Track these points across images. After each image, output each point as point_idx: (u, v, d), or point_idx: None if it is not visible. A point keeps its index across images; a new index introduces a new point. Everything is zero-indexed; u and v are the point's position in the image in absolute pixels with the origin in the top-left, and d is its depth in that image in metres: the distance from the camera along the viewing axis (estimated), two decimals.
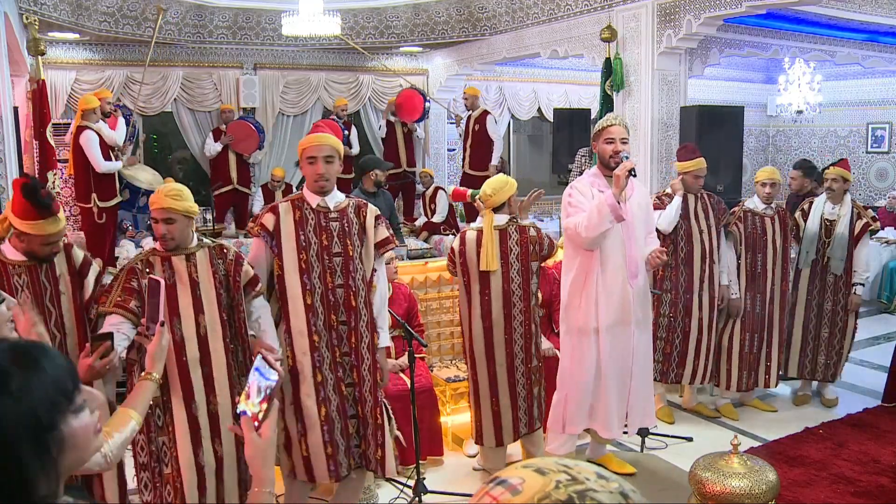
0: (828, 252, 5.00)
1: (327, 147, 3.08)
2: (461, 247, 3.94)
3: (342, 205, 3.19)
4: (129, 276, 2.80)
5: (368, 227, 3.21)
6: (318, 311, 3.09)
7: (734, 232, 4.78)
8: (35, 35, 5.68)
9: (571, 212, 3.49)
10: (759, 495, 2.53)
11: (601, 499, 0.74)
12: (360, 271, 3.17)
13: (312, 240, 3.10)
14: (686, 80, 6.43)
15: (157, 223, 2.82)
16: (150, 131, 8.69)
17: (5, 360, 0.97)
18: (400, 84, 9.57)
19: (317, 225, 3.11)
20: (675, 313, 4.70)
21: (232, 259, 2.95)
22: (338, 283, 3.12)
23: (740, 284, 4.79)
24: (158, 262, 2.85)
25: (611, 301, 3.51)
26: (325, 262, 3.11)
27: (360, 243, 3.19)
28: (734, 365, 4.83)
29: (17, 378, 0.97)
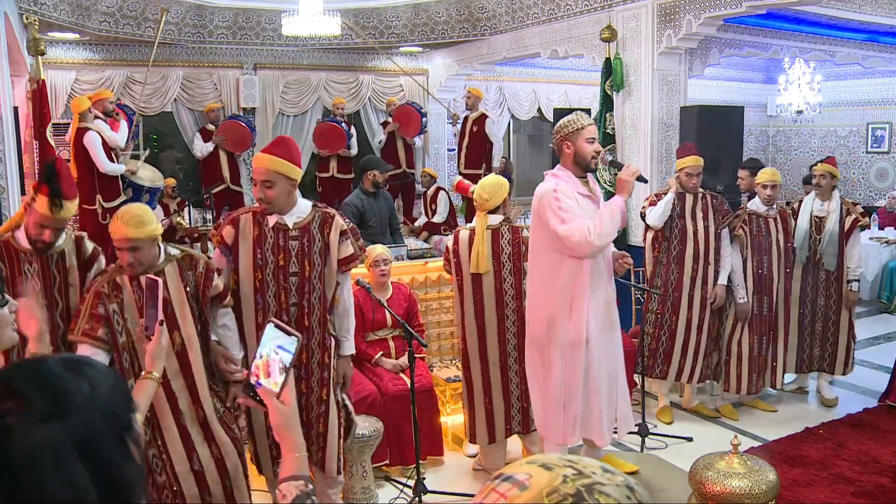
0: (819, 249, 5.04)
1: (263, 171, 2.97)
2: (455, 246, 3.95)
3: (304, 221, 3.11)
4: (96, 302, 2.74)
5: (332, 244, 3.15)
6: None
7: (741, 236, 4.78)
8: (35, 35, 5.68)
9: (567, 217, 3.17)
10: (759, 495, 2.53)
11: (609, 492, 0.74)
12: (316, 290, 3.13)
13: (269, 258, 3.07)
14: (686, 80, 6.43)
15: (123, 251, 2.73)
16: (150, 131, 8.69)
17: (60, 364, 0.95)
18: (400, 85, 9.57)
19: (275, 244, 3.07)
20: (663, 310, 4.76)
21: (202, 272, 2.90)
22: (291, 301, 3.11)
23: (748, 288, 4.79)
24: (127, 282, 2.79)
25: (598, 308, 3.35)
26: (280, 281, 3.09)
27: (320, 261, 3.13)
28: (744, 369, 4.83)
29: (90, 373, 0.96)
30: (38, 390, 0.88)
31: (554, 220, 3.19)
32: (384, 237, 5.83)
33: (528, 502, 0.74)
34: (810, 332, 5.14)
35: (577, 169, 3.34)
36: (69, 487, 0.86)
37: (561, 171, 3.34)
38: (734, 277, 4.77)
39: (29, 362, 0.92)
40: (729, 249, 4.75)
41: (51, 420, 0.87)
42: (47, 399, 0.88)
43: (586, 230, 3.12)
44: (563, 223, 3.16)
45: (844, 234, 5.05)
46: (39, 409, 0.87)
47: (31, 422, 0.86)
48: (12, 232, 2.84)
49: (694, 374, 4.77)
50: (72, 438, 0.88)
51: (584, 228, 3.13)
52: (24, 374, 0.90)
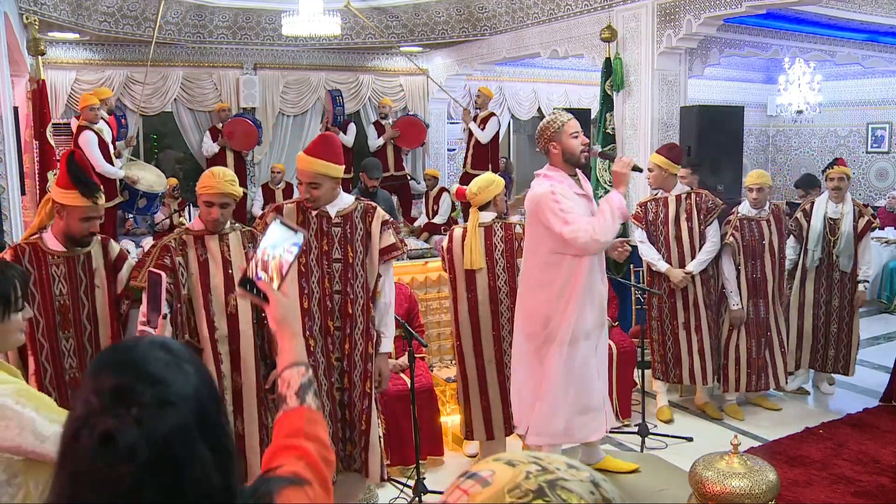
0: (835, 251, 5.04)
1: (309, 173, 3.04)
2: (449, 244, 3.96)
3: (347, 209, 3.17)
4: (163, 253, 2.89)
5: (374, 232, 3.19)
6: (314, 315, 3.12)
7: (731, 243, 4.75)
8: (35, 35, 5.68)
9: (569, 218, 3.12)
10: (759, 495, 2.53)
11: (572, 487, 0.74)
12: (359, 278, 3.16)
13: (313, 244, 3.12)
14: (686, 80, 6.43)
15: (212, 206, 2.90)
16: (150, 131, 8.69)
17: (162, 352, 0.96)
18: (400, 85, 9.57)
19: (318, 229, 3.13)
20: (661, 316, 4.79)
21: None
22: (335, 288, 3.13)
23: (742, 294, 4.78)
24: (192, 241, 2.94)
25: (594, 305, 3.32)
26: (325, 267, 3.12)
27: (362, 249, 3.17)
28: (742, 371, 4.84)
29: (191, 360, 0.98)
30: (153, 381, 0.90)
31: (556, 223, 3.15)
32: None
33: (489, 499, 0.74)
34: (825, 334, 5.15)
35: (568, 167, 3.30)
36: (199, 467, 0.89)
37: (553, 172, 3.29)
38: (727, 285, 4.76)
39: (132, 355, 0.94)
40: (712, 244, 4.66)
41: (170, 406, 0.89)
42: (165, 387, 0.90)
43: (591, 229, 3.10)
44: (566, 224, 3.13)
45: (857, 235, 5.06)
46: (157, 398, 0.89)
47: (153, 410, 0.88)
48: (39, 234, 2.84)
49: (707, 375, 4.77)
50: (192, 421, 0.90)
51: (590, 228, 3.10)
52: (134, 367, 0.92)
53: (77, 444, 0.86)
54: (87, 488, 0.85)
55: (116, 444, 0.84)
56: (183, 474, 0.88)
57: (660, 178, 4.66)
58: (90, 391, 0.89)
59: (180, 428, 0.89)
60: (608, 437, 4.47)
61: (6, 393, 1.61)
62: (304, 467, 1.15)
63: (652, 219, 4.76)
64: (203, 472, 0.90)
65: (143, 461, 0.85)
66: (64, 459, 0.89)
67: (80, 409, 0.89)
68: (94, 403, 0.88)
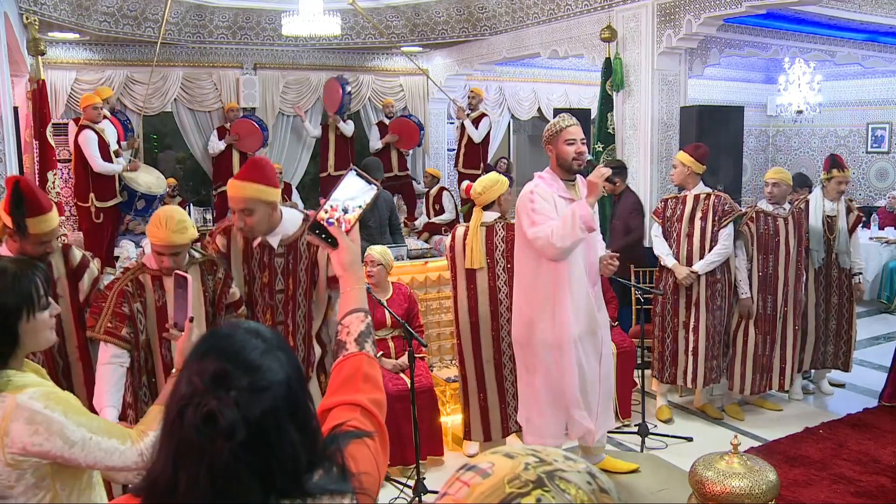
0: (835, 248, 5.06)
1: (240, 199, 2.85)
2: (451, 242, 3.97)
3: (291, 237, 3.02)
4: (120, 301, 2.75)
5: (321, 262, 3.06)
6: None
7: (744, 233, 4.77)
8: (35, 35, 5.68)
9: (537, 220, 3.18)
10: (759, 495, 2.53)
11: (570, 478, 0.76)
12: (301, 309, 3.08)
13: (257, 274, 3.04)
14: (686, 80, 6.43)
15: (163, 256, 2.76)
16: (149, 131, 8.69)
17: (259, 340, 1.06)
18: (400, 85, 9.56)
19: (260, 261, 3.02)
20: (664, 313, 4.80)
21: (221, 277, 2.91)
22: (278, 320, 3.06)
23: (752, 286, 4.79)
24: (149, 282, 2.81)
25: (579, 311, 3.32)
26: (266, 298, 3.05)
27: (306, 278, 3.05)
28: (748, 367, 4.83)
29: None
30: (249, 367, 1.01)
31: (525, 222, 3.22)
32: (383, 237, 5.83)
33: (489, 490, 0.75)
34: (825, 331, 5.18)
35: (563, 172, 3.34)
36: (289, 445, 1.00)
37: (547, 174, 3.36)
38: (738, 273, 4.77)
39: (232, 342, 1.04)
40: (723, 247, 4.66)
41: (264, 391, 1.00)
42: (260, 374, 1.01)
43: (549, 233, 3.11)
44: (532, 225, 3.19)
45: (849, 231, 5.11)
46: (253, 383, 0.99)
47: (250, 394, 0.98)
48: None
49: (697, 377, 4.75)
50: (283, 405, 1.01)
51: (549, 231, 3.12)
52: (232, 354, 1.02)
53: (182, 420, 0.97)
54: (189, 460, 0.96)
55: (218, 422, 0.95)
56: (273, 452, 0.98)
57: (682, 174, 4.68)
58: (194, 373, 1.00)
59: (273, 410, 0.99)
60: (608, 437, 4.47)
61: (36, 396, 1.61)
62: (361, 418, 1.25)
63: (669, 215, 4.78)
64: (292, 450, 1.01)
65: (241, 440, 0.95)
66: (169, 432, 0.99)
67: (184, 389, 1.00)
68: (198, 385, 0.99)
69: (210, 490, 0.95)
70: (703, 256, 4.65)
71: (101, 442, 1.66)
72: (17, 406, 1.58)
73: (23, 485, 1.60)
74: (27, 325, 1.67)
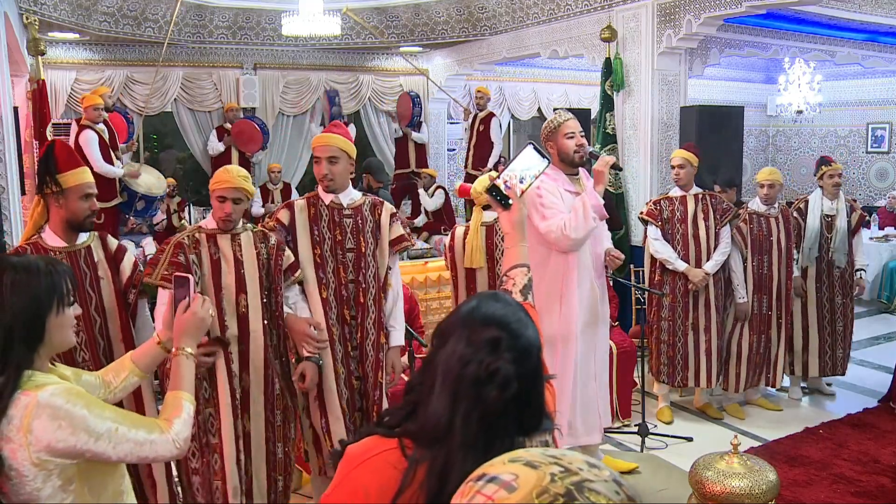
0: (832, 247, 5.04)
1: (329, 148, 3.12)
2: (451, 242, 3.98)
3: (357, 202, 3.24)
4: (176, 251, 2.88)
5: (383, 224, 3.27)
6: (332, 304, 3.17)
7: (737, 236, 4.76)
8: (35, 35, 5.68)
9: (547, 213, 3.25)
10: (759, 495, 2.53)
11: (598, 488, 0.73)
12: (371, 268, 3.22)
13: (326, 235, 3.17)
14: (686, 80, 6.43)
15: (225, 202, 2.90)
16: (150, 131, 8.69)
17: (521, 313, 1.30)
18: (400, 85, 9.56)
19: (330, 220, 3.18)
20: (674, 317, 4.73)
21: (274, 244, 3.04)
22: (350, 278, 3.19)
23: (748, 287, 4.78)
24: (204, 240, 2.93)
25: (584, 304, 3.35)
26: (339, 257, 3.17)
27: (373, 240, 3.24)
28: (743, 367, 4.83)
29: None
30: (516, 336, 1.23)
31: (536, 217, 3.26)
32: None
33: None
34: (830, 333, 5.13)
35: (565, 166, 3.40)
36: (540, 398, 1.25)
37: (550, 170, 3.31)
38: (734, 277, 4.76)
39: (505, 314, 1.26)
40: (725, 245, 4.68)
41: (529, 354, 1.24)
42: (525, 341, 1.24)
43: (563, 225, 3.19)
44: (543, 219, 3.25)
45: (851, 231, 5.09)
46: (521, 347, 1.22)
47: (521, 356, 1.22)
48: (38, 234, 2.82)
49: (711, 377, 4.74)
50: (537, 367, 1.26)
51: (561, 223, 3.20)
52: (505, 324, 1.24)
53: (464, 372, 1.18)
54: (466, 405, 1.17)
55: (496, 378, 1.17)
56: (530, 402, 1.22)
57: (690, 174, 4.65)
58: (471, 337, 1.22)
59: (535, 370, 1.24)
60: (608, 437, 4.47)
61: (56, 393, 1.60)
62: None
63: (668, 217, 4.69)
64: (540, 402, 1.25)
65: (512, 393, 1.17)
66: (450, 382, 1.20)
67: (464, 350, 1.21)
68: (478, 347, 1.20)
69: (479, 429, 1.16)
70: (710, 257, 4.65)
71: (128, 432, 1.65)
72: (39, 404, 1.58)
73: (49, 487, 1.60)
74: (55, 320, 1.69)
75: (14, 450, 1.57)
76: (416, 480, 1.16)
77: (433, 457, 1.16)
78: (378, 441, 1.26)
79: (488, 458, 1.01)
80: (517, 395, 1.18)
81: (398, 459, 1.20)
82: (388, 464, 1.21)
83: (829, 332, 5.14)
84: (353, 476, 1.24)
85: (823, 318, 5.13)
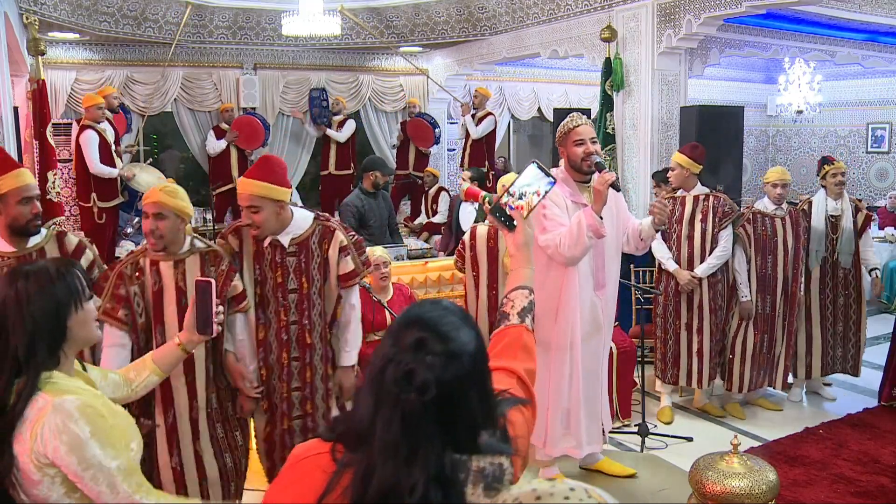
0: (837, 248, 5.02)
1: (248, 197, 2.88)
2: (472, 241, 3.97)
3: (302, 237, 3.03)
4: (118, 283, 2.77)
5: (331, 259, 3.06)
6: (270, 346, 3.06)
7: (741, 235, 4.76)
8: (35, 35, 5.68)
9: (548, 226, 3.16)
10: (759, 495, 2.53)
11: None
12: (316, 307, 3.07)
13: (268, 275, 3.02)
14: (686, 80, 6.43)
15: (147, 218, 2.78)
16: (150, 131, 8.69)
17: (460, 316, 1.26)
18: (400, 84, 9.56)
19: (272, 261, 3.01)
20: (666, 315, 4.79)
21: (224, 269, 2.89)
22: (291, 319, 3.04)
23: (751, 286, 4.78)
24: (147, 265, 2.82)
25: (584, 314, 3.30)
26: (279, 298, 3.03)
27: (319, 277, 3.05)
28: (746, 367, 4.82)
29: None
30: (445, 339, 1.18)
31: (537, 228, 3.17)
32: (384, 237, 5.83)
33: None
34: (832, 334, 5.12)
35: (574, 173, 3.29)
36: (468, 408, 1.17)
37: (560, 175, 3.29)
38: (737, 276, 4.76)
39: (434, 317, 1.22)
40: (722, 249, 4.66)
41: (455, 359, 1.17)
42: (452, 345, 1.18)
43: (558, 242, 3.10)
44: (542, 232, 3.15)
45: (858, 231, 5.07)
46: (447, 352, 1.17)
47: (443, 360, 1.16)
48: None
49: (703, 378, 4.76)
50: (468, 373, 1.18)
51: (558, 240, 3.10)
52: (432, 327, 1.20)
53: (384, 374, 1.15)
54: (386, 407, 1.14)
55: (414, 379, 1.13)
56: (455, 411, 1.16)
57: (681, 176, 4.66)
58: (397, 338, 1.19)
59: (460, 377, 1.17)
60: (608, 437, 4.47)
61: (73, 406, 1.59)
62: (517, 385, 1.41)
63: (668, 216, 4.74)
64: (470, 413, 1.18)
65: (431, 397, 1.13)
66: (371, 383, 1.17)
67: (388, 350, 1.18)
68: (401, 348, 1.17)
69: (400, 434, 1.12)
70: (703, 259, 4.64)
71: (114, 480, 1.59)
72: (53, 409, 1.57)
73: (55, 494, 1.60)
74: (77, 317, 1.70)
75: (22, 451, 1.58)
76: (340, 485, 1.14)
77: (358, 461, 1.14)
78: (317, 444, 1.24)
79: (411, 467, 1.10)
80: (441, 401, 1.14)
81: (328, 463, 1.19)
82: (318, 467, 1.19)
83: (831, 333, 5.12)
84: (284, 476, 1.25)
85: (826, 320, 5.11)
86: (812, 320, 5.08)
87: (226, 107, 8.23)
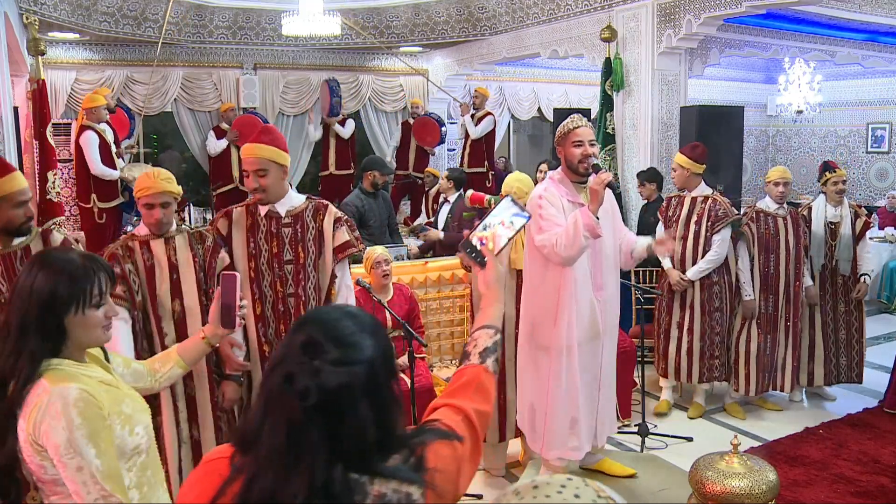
0: (836, 254, 5.01)
1: (256, 160, 2.94)
2: None
3: (297, 209, 3.06)
4: (111, 262, 2.80)
5: (326, 230, 3.07)
6: (268, 320, 3.06)
7: (746, 233, 4.77)
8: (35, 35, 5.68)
9: (544, 226, 3.15)
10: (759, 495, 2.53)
11: None
12: (311, 279, 3.07)
13: (263, 247, 3.03)
14: (686, 80, 6.43)
15: (153, 208, 2.85)
16: (150, 131, 8.70)
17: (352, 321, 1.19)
18: (400, 84, 9.56)
19: (267, 231, 3.03)
20: (660, 310, 4.89)
21: (209, 245, 2.98)
22: (288, 291, 3.04)
23: (754, 286, 4.79)
24: (137, 247, 2.89)
25: (581, 316, 3.28)
26: (276, 270, 3.03)
27: (315, 249, 3.06)
28: (752, 368, 4.82)
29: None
30: (337, 343, 1.13)
31: (533, 228, 3.18)
32: (384, 237, 5.83)
33: None
34: (834, 341, 5.10)
35: (571, 174, 3.30)
36: (358, 420, 1.11)
37: (557, 175, 3.32)
38: (741, 275, 4.77)
39: (330, 319, 1.17)
40: (714, 253, 4.64)
41: (346, 366, 1.11)
42: (345, 350, 1.12)
43: (554, 241, 3.09)
44: (539, 232, 3.16)
45: (856, 237, 5.06)
46: (338, 358, 1.11)
47: (331, 366, 1.10)
48: None
49: (692, 374, 4.78)
50: (360, 382, 1.11)
51: (554, 240, 3.10)
52: (326, 329, 1.14)
53: (270, 377, 1.13)
54: (273, 411, 1.11)
55: (295, 385, 1.09)
56: (343, 422, 1.09)
57: (682, 177, 4.70)
58: (292, 339, 1.14)
59: (348, 386, 1.11)
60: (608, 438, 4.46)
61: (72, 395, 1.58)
62: (460, 423, 1.32)
63: (670, 215, 4.81)
64: (360, 425, 1.11)
65: (312, 404, 1.08)
66: (262, 385, 1.15)
67: (281, 351, 1.15)
68: (290, 350, 1.13)
69: (285, 439, 1.08)
70: (695, 261, 4.67)
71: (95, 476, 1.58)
72: (50, 397, 1.58)
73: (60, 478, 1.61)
74: (75, 319, 1.68)
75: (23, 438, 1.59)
76: (231, 491, 1.11)
77: (248, 466, 1.11)
78: (226, 447, 1.21)
79: (292, 476, 1.06)
80: (326, 410, 1.08)
81: (226, 467, 1.15)
82: (216, 472, 1.16)
83: (833, 340, 5.10)
84: (191, 477, 1.24)
85: (828, 326, 5.10)
86: (815, 327, 5.08)
87: (227, 106, 8.22)
